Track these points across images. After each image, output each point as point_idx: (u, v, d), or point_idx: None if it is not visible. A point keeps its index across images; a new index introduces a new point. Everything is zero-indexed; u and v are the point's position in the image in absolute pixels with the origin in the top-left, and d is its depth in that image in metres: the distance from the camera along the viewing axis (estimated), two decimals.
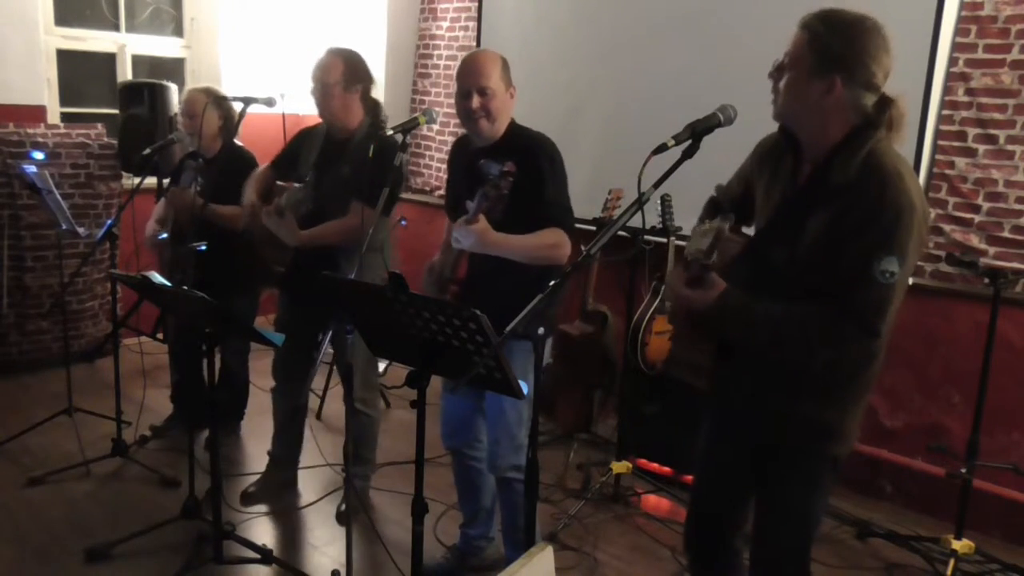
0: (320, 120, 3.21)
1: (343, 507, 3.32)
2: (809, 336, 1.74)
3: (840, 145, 1.76)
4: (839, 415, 1.86)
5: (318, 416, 4.38)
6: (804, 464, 1.91)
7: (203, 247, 3.18)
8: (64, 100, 5.31)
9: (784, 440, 1.90)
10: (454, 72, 5.82)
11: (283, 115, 3.35)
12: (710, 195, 2.17)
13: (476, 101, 2.47)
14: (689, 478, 3.64)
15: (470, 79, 2.49)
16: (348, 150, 3.10)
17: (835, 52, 1.72)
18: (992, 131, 3.35)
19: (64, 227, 3.84)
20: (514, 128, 2.58)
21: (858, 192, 1.70)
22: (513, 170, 2.30)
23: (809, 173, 1.83)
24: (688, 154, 1.80)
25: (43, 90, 5.02)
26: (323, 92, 3.06)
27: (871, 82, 1.74)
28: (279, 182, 3.30)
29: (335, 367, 4.36)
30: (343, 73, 3.08)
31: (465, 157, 2.65)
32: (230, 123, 3.74)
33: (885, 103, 1.77)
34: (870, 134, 1.75)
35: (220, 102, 3.71)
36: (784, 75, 1.78)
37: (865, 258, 1.68)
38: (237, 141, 3.70)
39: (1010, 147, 3.32)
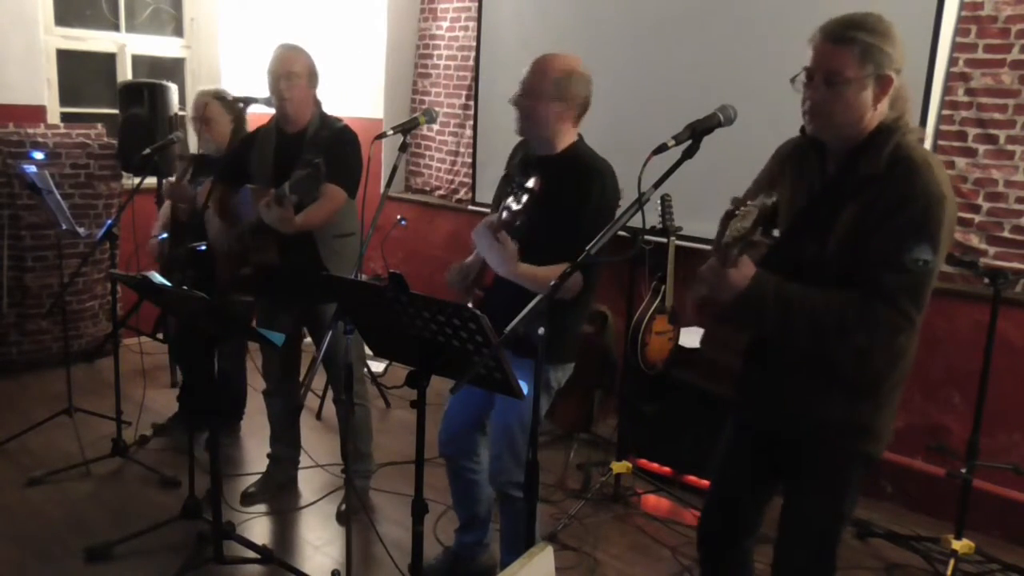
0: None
1: (343, 507, 3.32)
2: (846, 318, 1.73)
3: (869, 138, 1.78)
4: (873, 412, 1.86)
5: (318, 416, 4.38)
6: (837, 464, 1.90)
7: (203, 247, 3.18)
8: (64, 100, 5.31)
9: (819, 440, 1.89)
10: (454, 72, 5.85)
11: (273, 115, 3.34)
12: (726, 209, 2.14)
13: (514, 98, 2.43)
14: (689, 478, 3.64)
15: (526, 75, 2.44)
16: (305, 142, 3.11)
17: (888, 54, 1.74)
18: (992, 131, 3.35)
19: (64, 227, 3.85)
20: (576, 148, 2.48)
21: (888, 181, 1.72)
22: (538, 189, 2.26)
23: (837, 167, 1.83)
24: (688, 154, 1.80)
25: (43, 90, 5.03)
26: (290, 83, 3.07)
27: (901, 70, 1.78)
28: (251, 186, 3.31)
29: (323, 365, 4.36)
30: (307, 67, 3.13)
31: (516, 161, 2.61)
32: (240, 125, 3.74)
33: (896, 89, 1.79)
34: (898, 125, 1.77)
35: (232, 105, 3.72)
36: (838, 93, 1.74)
37: (896, 245, 1.69)
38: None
39: (1010, 147, 3.32)
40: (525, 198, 2.25)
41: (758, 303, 1.76)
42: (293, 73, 3.08)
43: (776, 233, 1.94)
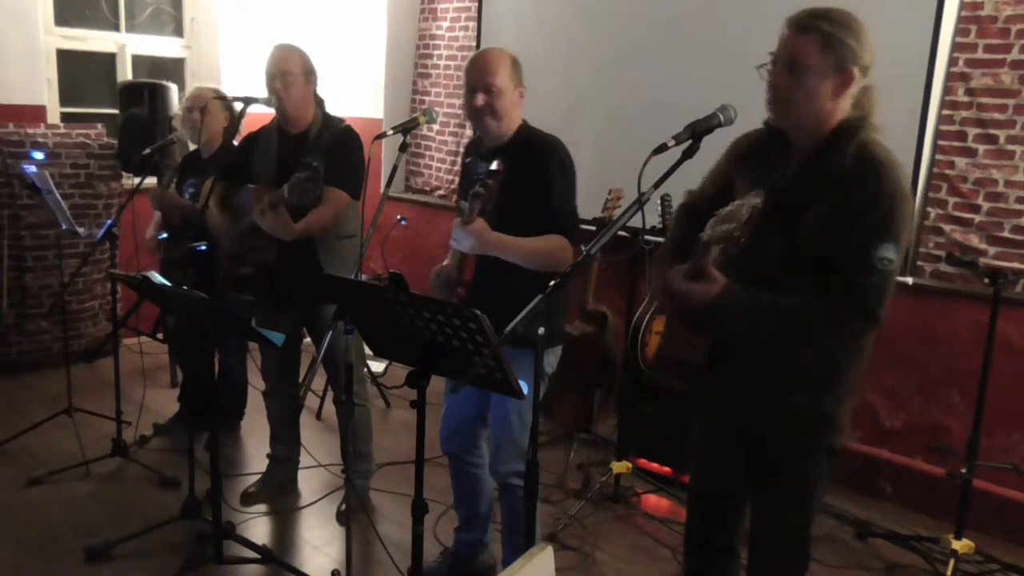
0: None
1: (343, 507, 3.32)
2: (813, 326, 1.76)
3: (832, 135, 1.80)
4: (836, 406, 1.89)
5: (318, 416, 4.38)
6: (804, 458, 1.92)
7: (203, 247, 3.18)
8: (64, 100, 5.31)
9: (784, 435, 1.91)
10: (454, 72, 5.86)
11: (275, 116, 3.35)
12: (681, 201, 2.17)
13: (481, 99, 2.44)
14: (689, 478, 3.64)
15: (476, 76, 2.47)
16: (308, 143, 3.11)
17: (851, 48, 1.75)
18: (992, 131, 3.35)
19: (64, 227, 3.85)
20: (525, 129, 2.53)
21: (854, 182, 1.74)
22: (502, 169, 2.29)
23: (801, 165, 1.85)
24: (688, 154, 1.80)
25: (43, 90, 5.03)
26: (285, 82, 3.07)
27: (868, 69, 1.80)
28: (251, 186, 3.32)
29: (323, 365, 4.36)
30: (302, 65, 3.12)
31: (472, 155, 2.65)
32: (233, 125, 3.76)
33: (864, 88, 1.82)
34: (862, 123, 1.79)
35: (228, 105, 3.75)
36: (799, 80, 1.77)
37: (864, 246, 1.72)
38: (235, 144, 3.70)
39: (1010, 147, 3.32)
40: (491, 181, 2.28)
41: (723, 315, 1.80)
42: (288, 72, 3.07)
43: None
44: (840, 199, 1.74)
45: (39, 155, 4.55)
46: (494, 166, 2.30)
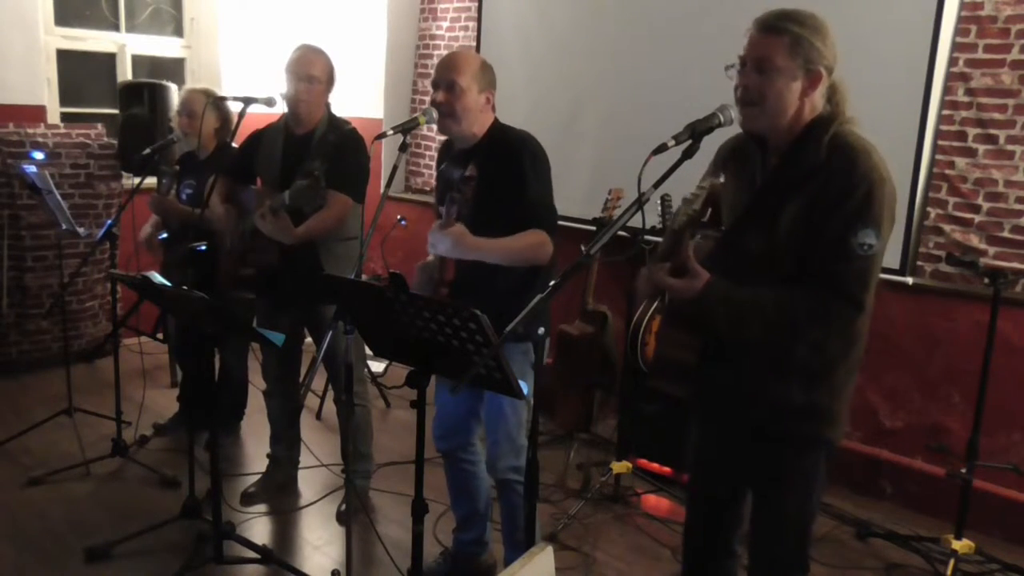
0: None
1: (343, 507, 3.33)
2: (798, 317, 1.77)
3: (807, 130, 1.82)
4: (830, 398, 1.89)
5: (317, 416, 4.38)
6: (801, 452, 1.93)
7: (203, 247, 3.18)
8: (64, 100, 5.31)
9: (779, 429, 1.91)
10: None
11: (283, 115, 3.35)
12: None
13: (442, 96, 2.43)
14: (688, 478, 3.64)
15: (440, 72, 2.46)
16: (312, 145, 3.10)
17: (818, 49, 1.78)
18: (992, 131, 3.35)
19: (64, 227, 3.85)
20: (496, 128, 2.53)
21: (830, 171, 1.76)
22: (474, 175, 2.30)
23: (778, 161, 1.86)
24: (688, 154, 1.81)
25: (43, 90, 5.03)
26: (309, 86, 3.06)
27: (833, 69, 1.83)
28: (252, 187, 3.32)
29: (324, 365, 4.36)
30: (328, 73, 3.12)
31: (445, 159, 2.66)
32: (227, 125, 3.75)
33: (833, 86, 1.85)
34: (835, 117, 1.81)
35: (218, 103, 3.72)
36: (769, 80, 1.78)
37: (843, 233, 1.73)
38: (233, 144, 3.69)
39: (1010, 147, 3.32)
40: (465, 187, 2.30)
41: (709, 310, 1.80)
42: (315, 77, 3.06)
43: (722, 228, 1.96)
44: (818, 190, 1.76)
45: (39, 155, 4.55)
46: (467, 172, 2.31)
